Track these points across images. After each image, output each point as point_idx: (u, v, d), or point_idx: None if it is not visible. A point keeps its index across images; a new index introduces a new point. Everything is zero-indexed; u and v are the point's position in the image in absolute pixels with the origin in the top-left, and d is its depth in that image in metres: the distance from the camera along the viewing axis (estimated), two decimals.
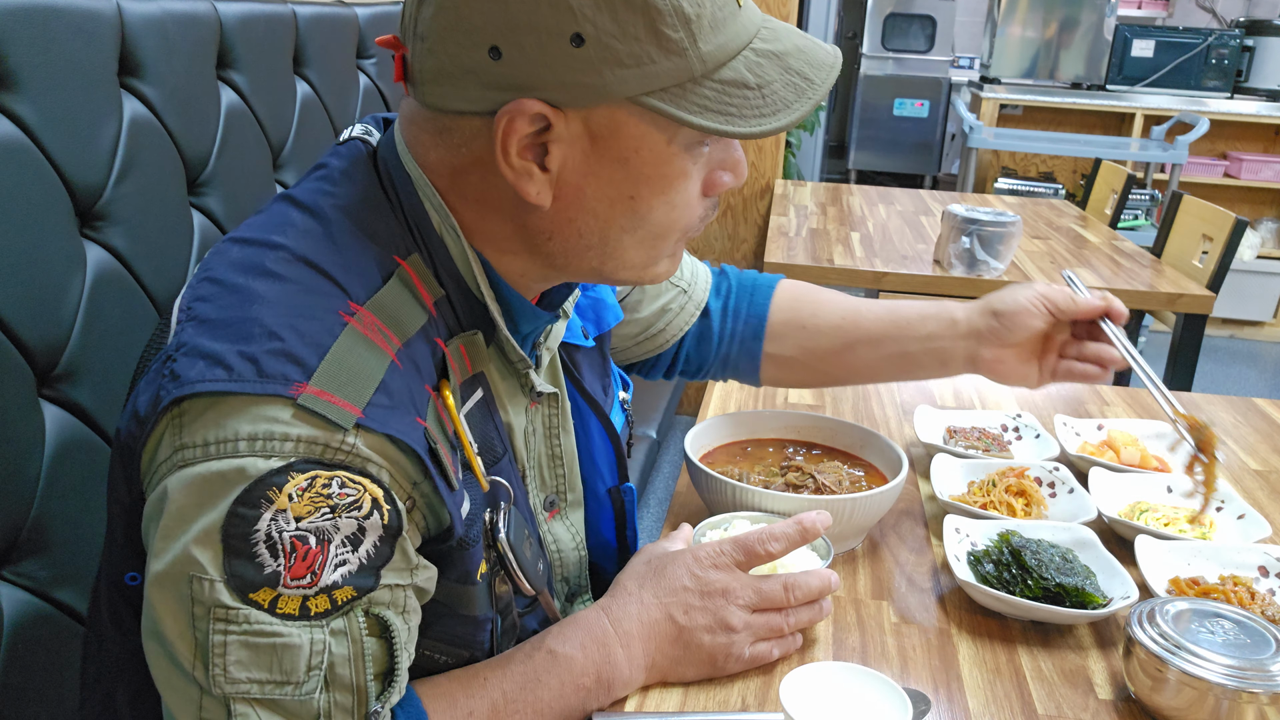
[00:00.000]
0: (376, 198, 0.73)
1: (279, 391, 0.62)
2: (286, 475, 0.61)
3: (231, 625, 0.61)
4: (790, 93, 0.70)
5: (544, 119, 0.67)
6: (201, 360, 0.63)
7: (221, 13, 1.32)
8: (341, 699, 0.64)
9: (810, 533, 0.84)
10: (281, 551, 0.61)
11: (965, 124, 4.50)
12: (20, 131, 0.94)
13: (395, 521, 0.65)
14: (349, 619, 0.64)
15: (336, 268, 0.68)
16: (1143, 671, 0.77)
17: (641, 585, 0.82)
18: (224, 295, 0.67)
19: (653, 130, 0.69)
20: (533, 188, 0.69)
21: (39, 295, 0.94)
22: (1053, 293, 0.99)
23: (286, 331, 0.64)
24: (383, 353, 0.66)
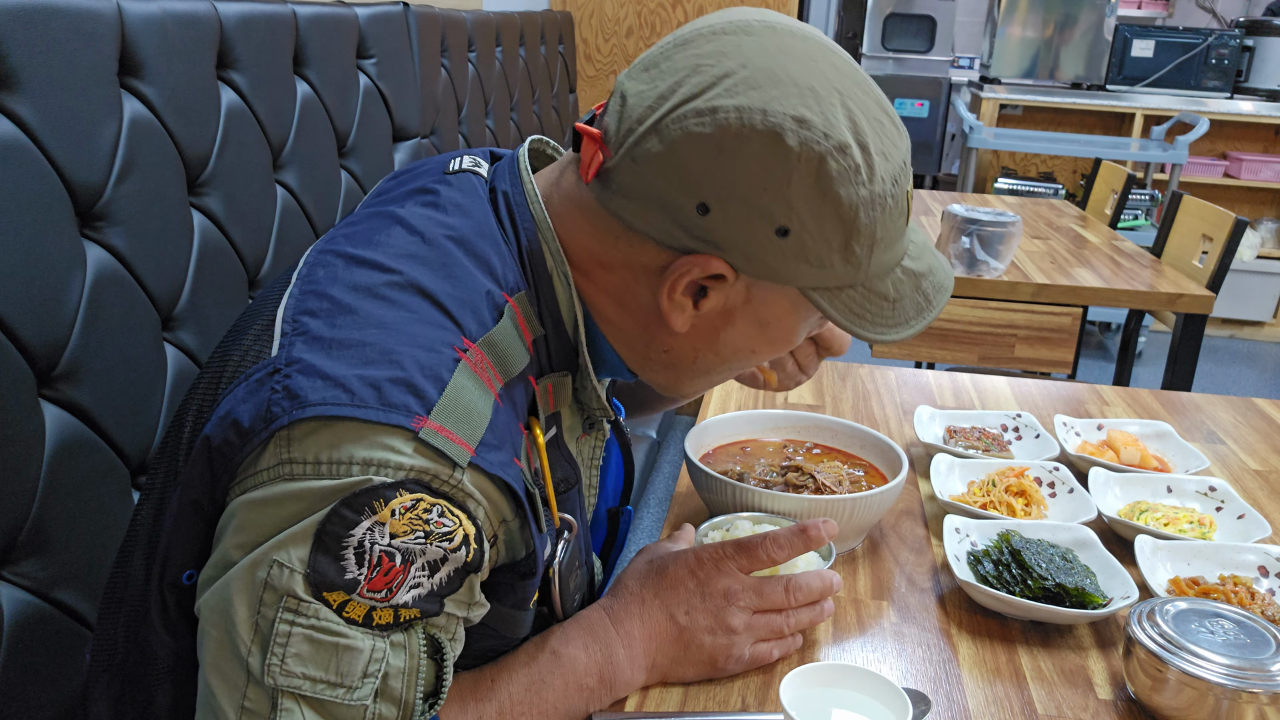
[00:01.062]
0: (491, 231, 0.75)
1: (401, 423, 0.63)
2: (396, 491, 0.62)
3: (300, 617, 0.62)
4: (913, 310, 0.77)
5: (720, 276, 0.71)
6: (320, 380, 0.64)
7: (221, 13, 1.32)
8: (387, 712, 0.65)
9: (815, 541, 0.84)
10: (367, 562, 0.62)
11: (965, 124, 4.50)
12: (20, 131, 0.94)
13: (477, 561, 0.67)
14: (409, 635, 0.65)
15: (451, 300, 0.69)
16: (1142, 671, 0.77)
17: (643, 585, 0.83)
18: (337, 314, 0.67)
19: (796, 310, 0.75)
20: (680, 319, 0.74)
21: (39, 295, 0.94)
22: None
23: (407, 361, 0.65)
24: (489, 392, 0.68)
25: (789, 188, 0.68)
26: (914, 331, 0.77)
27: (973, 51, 7.04)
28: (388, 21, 1.92)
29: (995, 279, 2.22)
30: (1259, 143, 5.08)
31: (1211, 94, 4.95)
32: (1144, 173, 4.74)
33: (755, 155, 0.67)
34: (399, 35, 1.99)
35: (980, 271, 2.22)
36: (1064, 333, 2.25)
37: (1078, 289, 2.22)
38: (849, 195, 0.69)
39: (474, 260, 0.72)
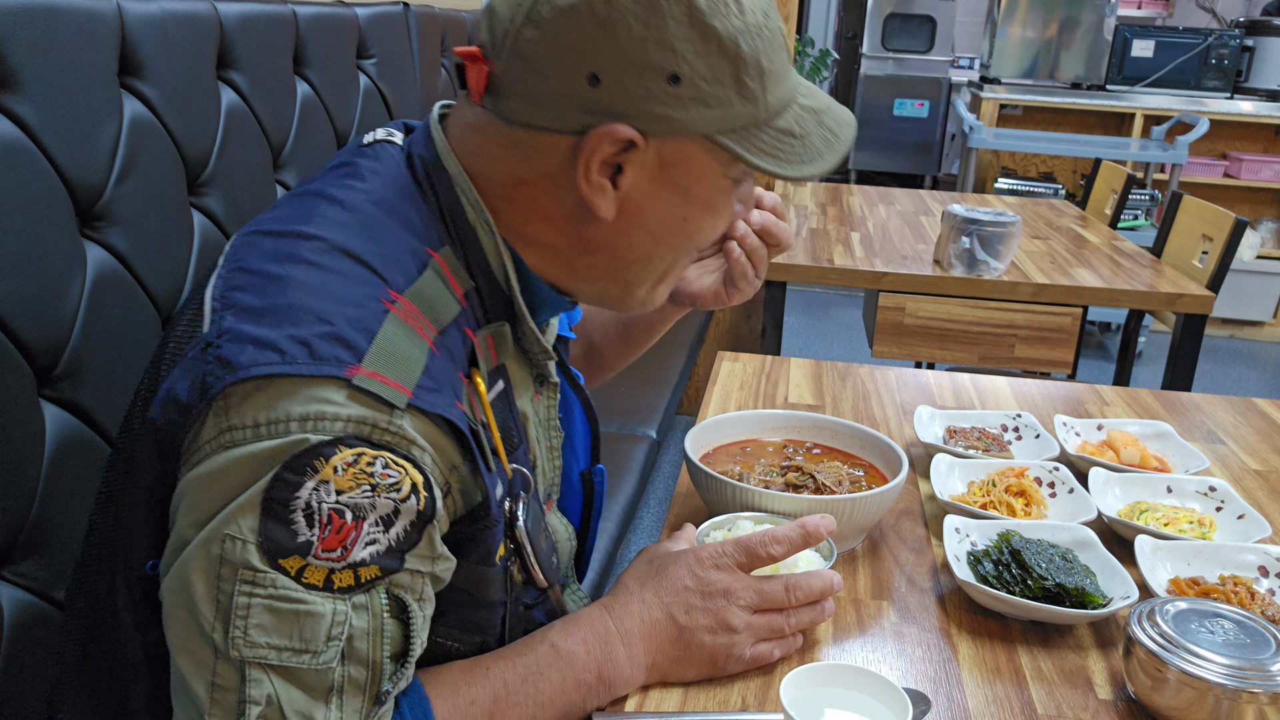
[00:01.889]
0: (409, 191, 0.76)
1: (333, 372, 0.63)
2: (335, 448, 0.63)
3: (257, 588, 0.62)
4: (823, 145, 0.79)
5: (628, 143, 0.72)
6: (251, 345, 0.64)
7: (222, 13, 1.32)
8: (356, 673, 0.65)
9: (813, 537, 0.84)
10: (318, 522, 0.63)
11: (965, 124, 4.50)
12: (20, 131, 0.94)
13: (429, 509, 0.67)
14: (371, 596, 0.65)
15: (374, 257, 0.70)
16: (1142, 671, 0.77)
17: (643, 585, 0.83)
18: (263, 284, 0.68)
19: (714, 165, 0.76)
20: (603, 202, 0.75)
21: (39, 295, 0.94)
22: None
23: (335, 317, 0.66)
24: (422, 340, 0.69)
25: (666, 32, 0.70)
26: (828, 165, 0.78)
27: (973, 51, 7.04)
28: (388, 21, 1.92)
29: (995, 279, 2.22)
30: (1259, 143, 5.08)
31: (1211, 94, 4.95)
32: (1144, 173, 4.74)
33: (627, 9, 0.69)
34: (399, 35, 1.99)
35: (980, 271, 2.23)
36: (1064, 333, 2.25)
37: (1078, 289, 2.22)
38: (725, 27, 0.71)
39: (396, 220, 0.74)
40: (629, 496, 1.87)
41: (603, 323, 1.16)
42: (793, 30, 3.31)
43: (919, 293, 2.25)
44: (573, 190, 0.75)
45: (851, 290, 5.10)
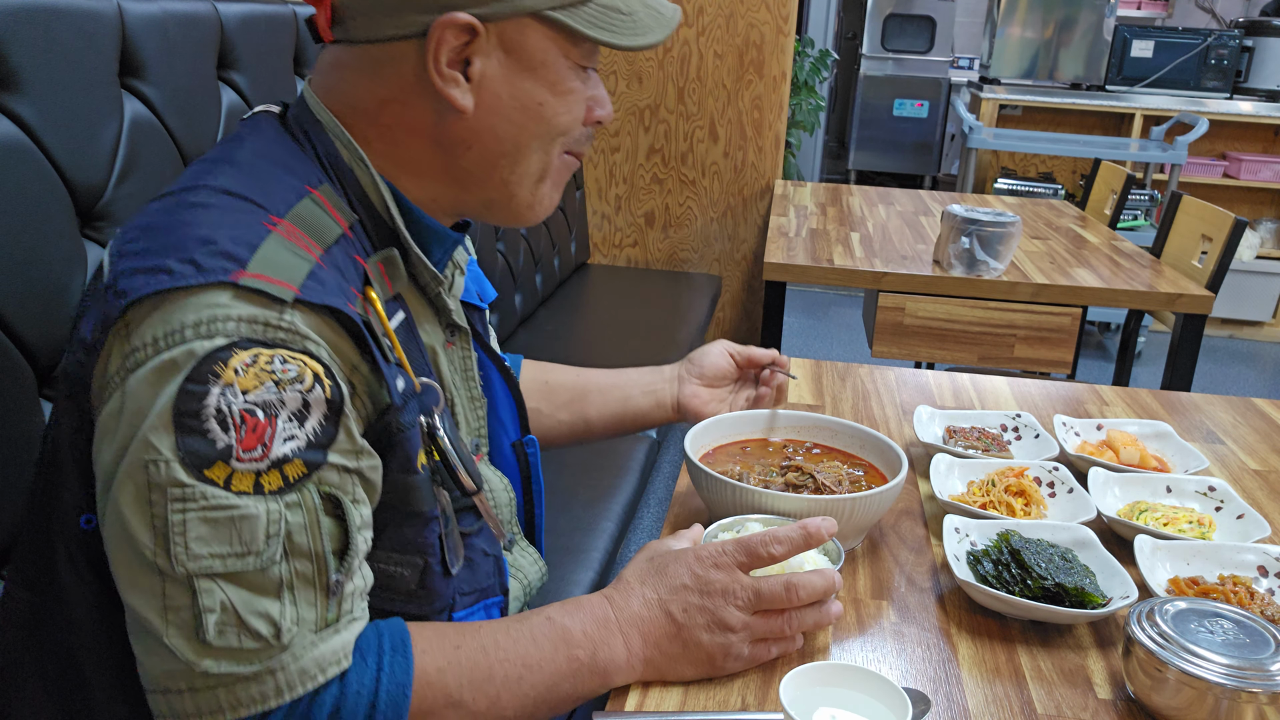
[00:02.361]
0: (284, 141, 0.81)
1: (219, 279, 0.66)
2: (231, 351, 0.65)
3: (189, 503, 0.64)
4: (651, 21, 0.84)
5: (470, 31, 0.77)
6: (141, 274, 0.67)
7: (222, 13, 1.32)
8: (302, 567, 0.67)
9: (814, 538, 0.84)
10: (232, 425, 0.65)
11: (965, 124, 4.50)
12: (21, 132, 0.94)
13: (337, 396, 0.69)
14: (302, 494, 0.67)
15: (255, 192, 0.73)
16: (1142, 671, 0.78)
17: (643, 581, 0.83)
18: (151, 233, 0.71)
19: (553, 47, 0.81)
20: (459, 93, 0.79)
21: (40, 295, 0.94)
22: (733, 347, 1.21)
23: (218, 237, 0.69)
24: (307, 255, 0.71)
25: None
26: (656, 39, 0.84)
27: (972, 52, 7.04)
28: None
29: (995, 279, 2.22)
30: (1258, 143, 5.08)
31: (1211, 94, 4.95)
32: (1143, 173, 4.74)
33: None
34: None
35: (980, 271, 2.23)
36: (1063, 333, 2.25)
37: (1077, 289, 2.22)
38: None
39: (271, 163, 0.77)
40: (629, 496, 1.87)
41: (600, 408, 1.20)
42: (793, 31, 3.32)
43: (919, 293, 2.25)
44: (431, 93, 0.78)
45: (851, 290, 5.10)
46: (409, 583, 0.80)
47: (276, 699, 0.67)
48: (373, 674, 0.70)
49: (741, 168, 3.42)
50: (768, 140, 3.39)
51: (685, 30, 3.30)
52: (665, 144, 3.41)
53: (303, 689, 0.67)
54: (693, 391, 1.19)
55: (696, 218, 3.49)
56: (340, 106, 0.81)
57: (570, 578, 1.53)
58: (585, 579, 1.54)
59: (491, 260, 2.50)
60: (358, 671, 0.70)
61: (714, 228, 3.49)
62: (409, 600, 0.80)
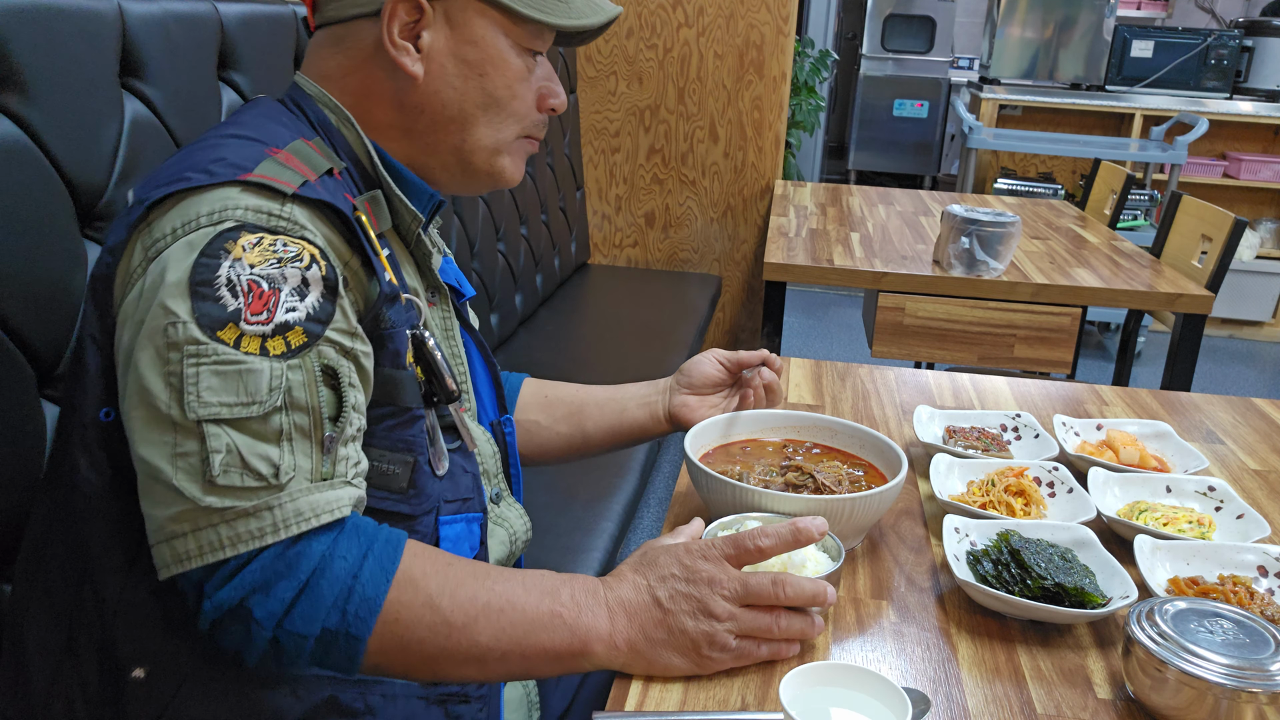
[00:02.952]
0: (283, 111, 0.91)
1: (230, 177, 0.77)
2: (240, 232, 0.76)
3: (203, 358, 0.72)
4: (587, 8, 0.93)
5: (418, 8, 0.88)
6: (162, 185, 0.78)
7: (223, 13, 1.32)
8: (299, 420, 0.75)
9: (804, 535, 0.84)
10: (240, 292, 0.74)
11: (965, 124, 4.50)
12: (22, 132, 0.94)
13: (333, 275, 0.78)
14: (304, 359, 0.76)
15: (257, 133, 0.84)
16: (1142, 671, 0.78)
17: (635, 570, 0.84)
18: (163, 168, 0.82)
19: (491, 25, 0.91)
20: (409, 61, 0.89)
21: (40, 295, 0.94)
22: (721, 354, 1.22)
23: (226, 155, 0.80)
24: (302, 174, 0.81)
25: None
26: (590, 21, 0.93)
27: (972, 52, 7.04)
28: None
29: (995, 279, 2.22)
30: (1258, 143, 5.08)
31: (1211, 94, 4.95)
32: (1143, 173, 4.74)
33: None
34: None
35: (980, 271, 2.23)
36: (1063, 333, 2.25)
37: (1077, 289, 2.22)
38: None
39: (271, 121, 0.88)
40: (629, 496, 1.87)
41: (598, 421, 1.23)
42: (793, 31, 3.32)
43: (918, 293, 2.25)
44: (387, 61, 0.89)
45: (851, 290, 5.10)
46: (400, 480, 0.85)
47: (272, 535, 0.73)
48: (361, 550, 0.76)
49: (741, 168, 3.42)
50: (768, 140, 3.39)
51: (685, 30, 3.30)
52: (665, 144, 3.41)
53: (297, 529, 0.73)
54: (681, 401, 1.20)
55: (696, 218, 3.49)
56: (320, 81, 0.92)
57: None
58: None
59: (492, 260, 2.50)
60: (349, 541, 0.76)
61: (714, 228, 3.50)
62: (402, 499, 0.86)
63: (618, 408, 1.22)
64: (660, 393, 1.22)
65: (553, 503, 1.77)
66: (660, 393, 1.22)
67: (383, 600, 0.75)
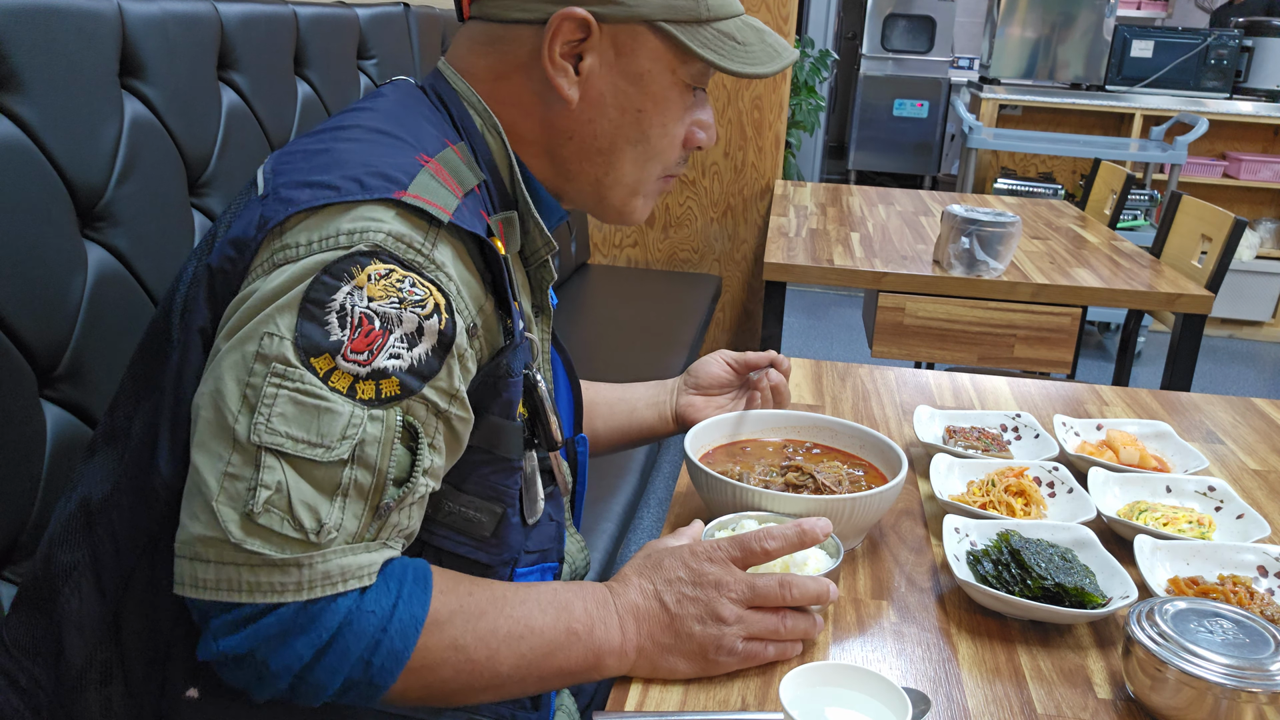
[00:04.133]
0: (425, 102, 0.86)
1: (383, 195, 0.71)
2: (371, 259, 0.70)
3: (287, 380, 0.68)
4: (765, 55, 0.88)
5: (585, 27, 0.82)
6: (308, 188, 0.72)
7: (222, 13, 1.32)
8: (362, 478, 0.70)
9: (809, 537, 0.84)
10: (349, 324, 0.69)
11: (965, 124, 4.50)
12: (22, 132, 0.94)
13: (450, 332, 0.73)
14: (388, 412, 0.71)
15: (406, 134, 0.79)
16: (1142, 671, 0.78)
17: (640, 574, 0.84)
18: (309, 156, 0.76)
19: (662, 59, 0.85)
20: (565, 83, 0.84)
21: (40, 295, 0.94)
22: (728, 355, 1.22)
23: (379, 163, 0.74)
24: (454, 193, 0.76)
25: None
26: (769, 71, 0.87)
27: (972, 52, 7.04)
28: (388, 22, 1.92)
29: (995, 279, 2.22)
30: (1258, 143, 5.08)
31: (1211, 94, 4.95)
32: (1143, 173, 4.74)
33: None
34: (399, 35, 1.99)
35: (980, 271, 2.23)
36: (1063, 333, 2.25)
37: (1077, 289, 2.22)
38: None
39: (416, 115, 0.83)
40: (629, 496, 1.87)
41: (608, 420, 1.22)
42: (793, 30, 3.32)
43: (919, 293, 2.25)
44: (541, 77, 0.83)
45: (851, 290, 5.10)
46: (484, 529, 0.82)
47: (294, 594, 0.68)
48: (391, 599, 0.72)
49: (741, 168, 3.42)
50: (768, 140, 3.39)
51: None
52: None
53: (321, 592, 0.69)
54: (688, 401, 1.20)
55: (696, 218, 3.49)
56: (469, 76, 0.86)
57: None
58: (586, 579, 1.54)
59: None
60: (377, 592, 0.71)
61: (714, 228, 3.49)
62: (480, 547, 0.83)
63: (627, 408, 1.22)
64: (668, 394, 1.22)
65: None
66: (668, 394, 1.22)
67: (412, 650, 0.72)
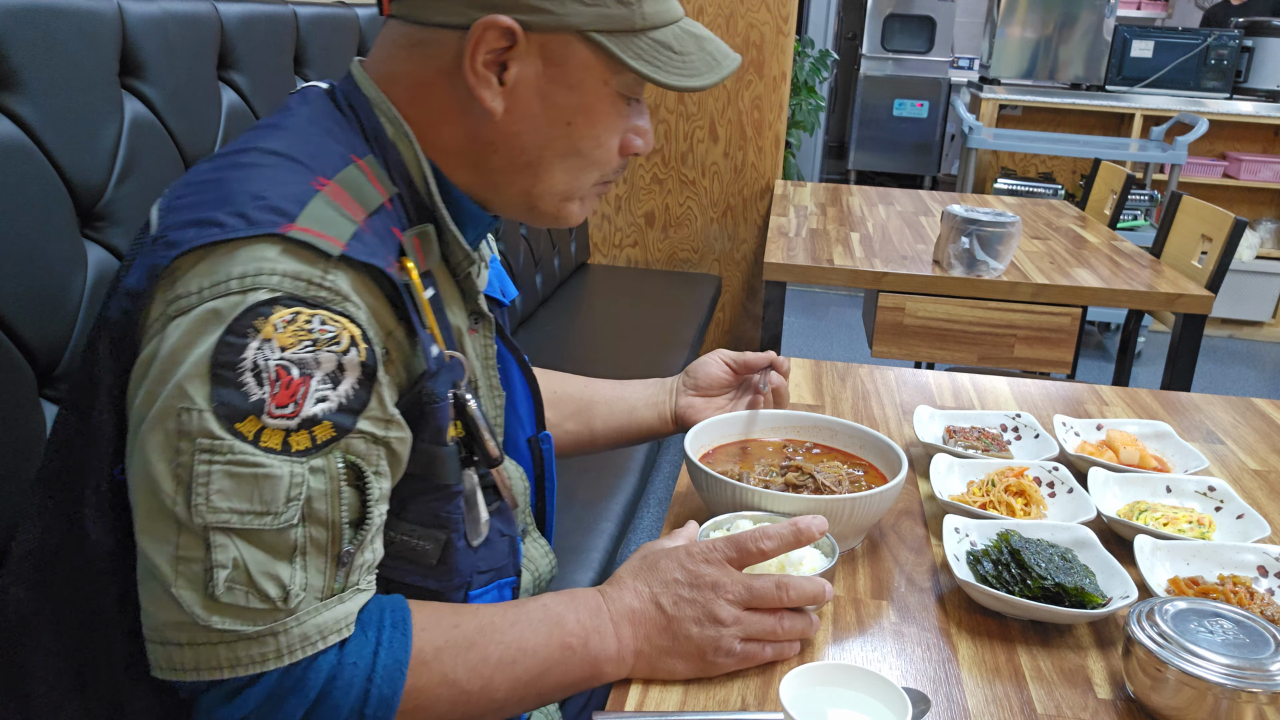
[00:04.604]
0: (333, 113, 0.81)
1: (268, 230, 0.67)
2: (273, 307, 0.66)
3: (216, 455, 0.65)
4: (704, 65, 0.82)
5: (511, 36, 0.76)
6: (194, 227, 0.68)
7: (222, 13, 1.32)
8: (317, 534, 0.68)
9: (805, 535, 0.84)
10: (267, 379, 0.66)
11: (965, 124, 4.50)
12: (22, 132, 0.94)
13: (371, 361, 0.70)
14: (328, 459, 0.68)
15: (302, 154, 0.75)
16: (1142, 671, 0.78)
17: (635, 576, 0.83)
18: (201, 188, 0.72)
19: (594, 69, 0.79)
20: (489, 94, 0.78)
21: (40, 295, 0.94)
22: (728, 355, 1.21)
23: (268, 193, 0.70)
24: (352, 218, 0.72)
25: None
26: (707, 83, 0.82)
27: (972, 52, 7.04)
28: None
29: (995, 279, 2.22)
30: (1258, 143, 5.08)
31: (1211, 94, 4.95)
32: (1143, 173, 4.74)
33: None
34: None
35: (980, 272, 2.23)
36: (1063, 333, 2.25)
37: (1077, 289, 2.22)
38: None
39: (320, 130, 0.78)
40: (629, 496, 1.87)
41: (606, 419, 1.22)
42: (793, 31, 3.32)
43: (919, 293, 2.25)
44: (464, 86, 0.78)
45: (851, 290, 5.10)
46: (430, 556, 0.81)
47: (275, 661, 0.68)
48: (371, 647, 0.71)
49: (741, 168, 3.42)
50: (768, 140, 3.39)
51: None
52: (665, 144, 3.41)
53: (302, 654, 0.68)
54: (687, 402, 1.19)
55: (696, 218, 3.49)
56: (383, 81, 0.82)
57: (570, 578, 1.53)
58: (585, 579, 1.54)
59: None
60: (357, 643, 0.71)
61: (714, 228, 3.49)
62: (428, 574, 0.81)
63: (626, 407, 1.21)
64: (667, 394, 1.21)
65: None
66: (667, 394, 1.21)
67: (400, 694, 0.71)
